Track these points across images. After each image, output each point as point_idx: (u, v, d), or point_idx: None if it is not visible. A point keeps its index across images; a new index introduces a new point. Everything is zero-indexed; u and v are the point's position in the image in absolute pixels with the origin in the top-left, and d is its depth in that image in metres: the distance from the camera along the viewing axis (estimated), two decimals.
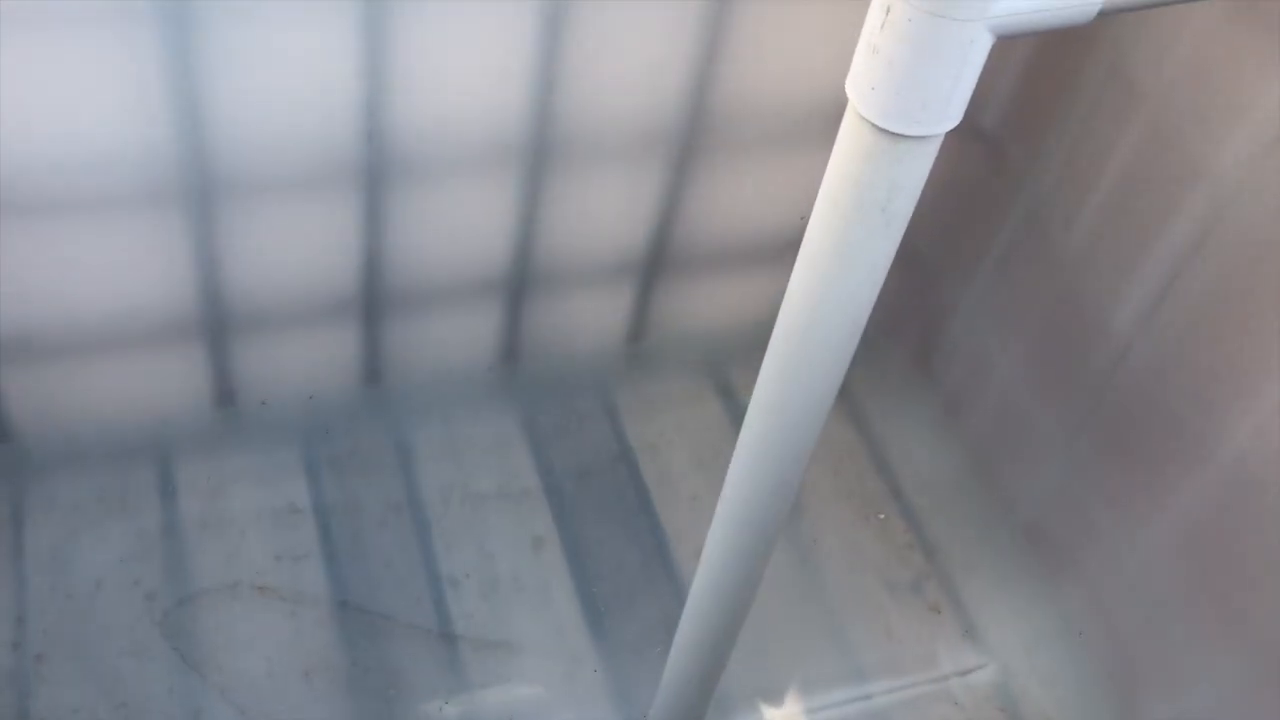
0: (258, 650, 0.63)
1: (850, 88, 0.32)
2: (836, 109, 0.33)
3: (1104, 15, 0.32)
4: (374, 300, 0.69)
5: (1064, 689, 0.67)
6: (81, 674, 0.61)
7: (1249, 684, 0.57)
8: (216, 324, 0.67)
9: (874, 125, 0.31)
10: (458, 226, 0.67)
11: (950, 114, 0.31)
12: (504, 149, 0.64)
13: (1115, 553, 0.65)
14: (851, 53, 0.32)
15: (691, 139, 0.67)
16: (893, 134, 0.31)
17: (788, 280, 0.37)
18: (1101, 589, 0.67)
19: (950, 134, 0.32)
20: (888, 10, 0.30)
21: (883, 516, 0.74)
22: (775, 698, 0.66)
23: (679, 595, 0.68)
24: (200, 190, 0.60)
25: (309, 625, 0.65)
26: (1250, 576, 0.57)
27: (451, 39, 0.58)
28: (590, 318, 0.76)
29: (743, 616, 0.50)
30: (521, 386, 0.76)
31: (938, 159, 0.33)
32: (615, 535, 0.71)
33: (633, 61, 0.62)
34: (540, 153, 0.65)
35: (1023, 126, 0.68)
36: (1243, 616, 0.57)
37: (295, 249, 0.65)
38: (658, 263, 0.74)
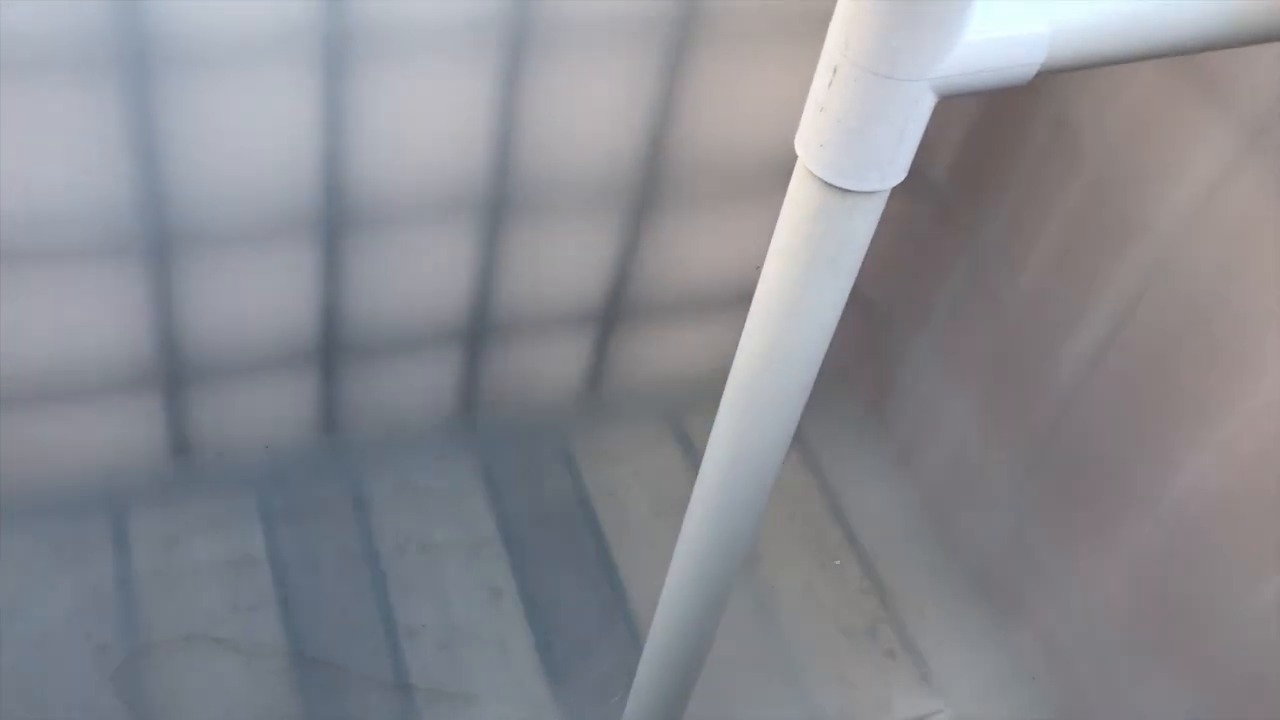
0: (212, 703, 0.63)
1: (799, 144, 0.33)
2: (789, 163, 0.34)
3: (1042, 74, 0.33)
4: (332, 350, 0.69)
5: None
6: None
7: (1198, 715, 0.58)
8: (173, 374, 0.67)
9: (822, 181, 0.32)
10: (416, 278, 0.68)
11: (896, 170, 0.32)
12: (462, 201, 0.64)
13: (1065, 596, 0.66)
14: (803, 108, 0.33)
15: (647, 192, 0.68)
16: (841, 189, 0.32)
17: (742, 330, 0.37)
18: (1052, 632, 0.68)
19: (898, 188, 0.33)
20: (834, 70, 0.31)
21: (838, 562, 0.75)
22: None
23: (637, 643, 0.68)
24: (158, 242, 0.60)
25: (264, 676, 0.64)
26: (1195, 617, 0.58)
27: (410, 93, 0.59)
28: (548, 367, 0.77)
29: (700, 663, 0.50)
30: (479, 435, 0.77)
31: (886, 212, 0.34)
32: (573, 584, 0.71)
33: (589, 115, 0.63)
34: (498, 205, 0.65)
35: (969, 180, 0.69)
36: (1188, 656, 0.58)
37: (253, 300, 0.65)
38: (615, 313, 0.75)
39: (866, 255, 0.35)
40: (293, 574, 0.68)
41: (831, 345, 0.38)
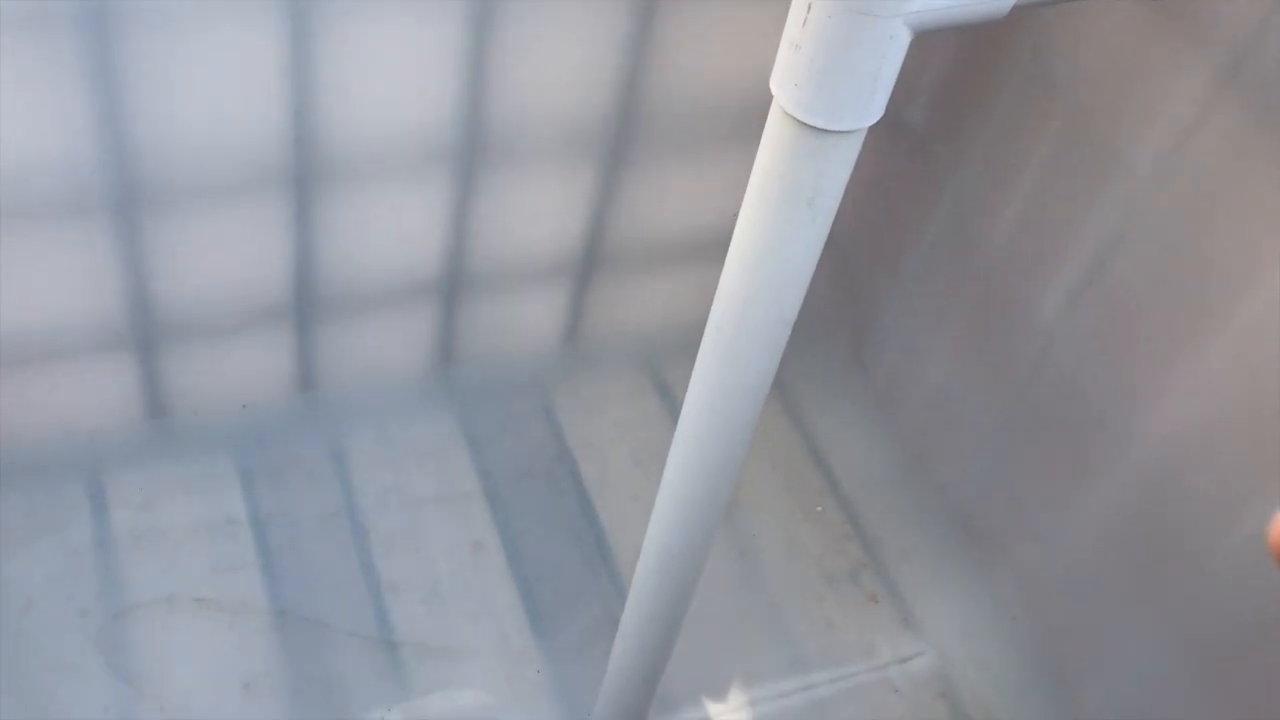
0: (196, 663, 0.63)
1: (774, 85, 0.32)
2: (764, 105, 0.33)
3: (1017, 10, 0.33)
4: (306, 307, 0.69)
5: (1000, 672, 0.68)
6: (16, 693, 0.60)
7: (1175, 661, 0.59)
8: (145, 335, 0.66)
9: (798, 121, 0.32)
10: (389, 230, 0.67)
11: (872, 109, 0.32)
12: (434, 151, 0.64)
13: (1044, 539, 0.67)
14: (777, 49, 0.32)
15: (622, 138, 0.67)
16: (817, 129, 0.32)
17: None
18: (1033, 574, 0.68)
19: (875, 129, 0.33)
20: (809, 8, 0.30)
21: (820, 509, 0.75)
22: (718, 692, 0.66)
23: (620, 594, 0.68)
24: (125, 199, 0.59)
25: (248, 636, 0.64)
26: (1172, 556, 0.58)
27: (379, 42, 0.58)
28: (525, 319, 0.76)
29: (683, 612, 0.50)
30: (458, 390, 0.76)
31: (863, 154, 0.33)
32: (555, 536, 0.71)
33: (562, 62, 0.62)
34: (471, 154, 0.65)
35: (946, 120, 0.69)
36: (1165, 594, 0.59)
37: (224, 256, 0.64)
38: (592, 262, 0.74)
39: (843, 199, 0.35)
40: (273, 533, 0.68)
41: (809, 291, 0.37)
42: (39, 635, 0.62)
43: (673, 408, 0.78)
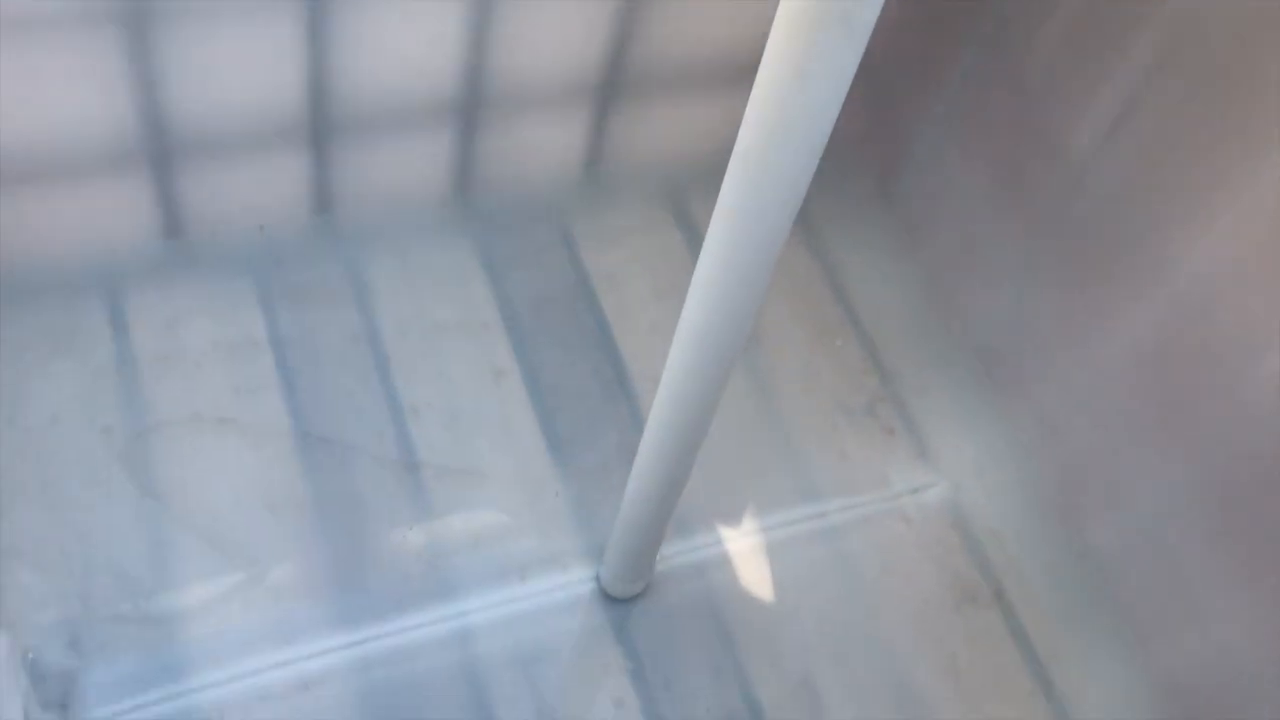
0: (220, 482, 0.64)
1: None
2: None
3: None
4: (322, 127, 0.67)
5: (1011, 504, 0.69)
6: (44, 507, 0.62)
7: (1190, 493, 0.60)
8: (160, 152, 0.65)
9: None
10: (406, 47, 0.65)
11: None
12: None
13: (1066, 374, 0.66)
14: None
15: None
16: None
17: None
18: (1051, 410, 0.68)
19: None
20: None
21: (839, 342, 0.75)
22: (732, 518, 0.67)
23: (638, 422, 0.69)
24: (136, 9, 0.57)
25: (271, 457, 0.65)
26: (1197, 397, 0.58)
27: None
28: (546, 145, 0.75)
29: (700, 442, 0.51)
30: (476, 216, 0.75)
31: None
32: (575, 365, 0.71)
33: None
34: None
35: None
36: (1183, 430, 0.59)
37: (238, 72, 0.62)
38: (615, 86, 0.72)
39: (878, 20, 0.33)
40: (294, 356, 0.68)
41: (837, 121, 0.36)
42: (65, 452, 0.63)
43: (694, 240, 0.77)
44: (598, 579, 0.64)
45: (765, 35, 0.34)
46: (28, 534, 0.61)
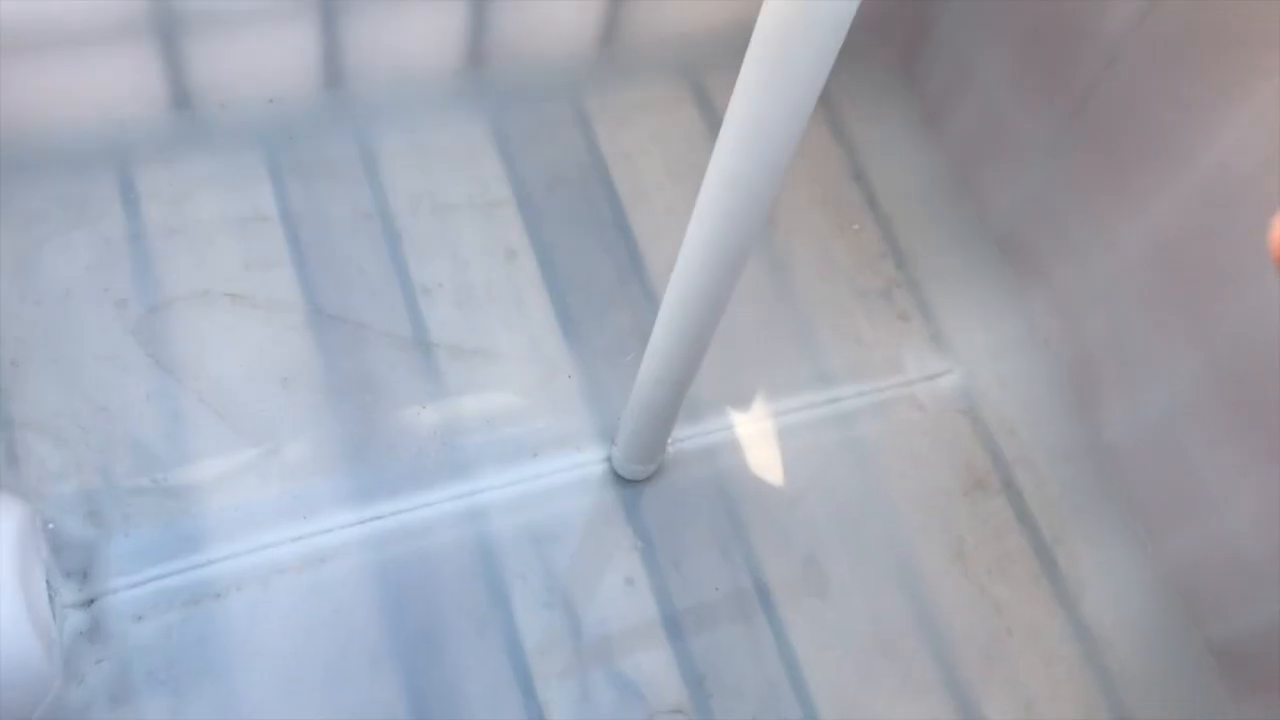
0: (233, 357, 0.64)
1: None
2: None
3: None
4: None
5: (1025, 392, 0.69)
6: (59, 379, 0.62)
7: (1202, 385, 0.59)
8: (170, 22, 0.63)
9: None
10: None
11: None
12: None
13: (1086, 262, 0.66)
14: None
15: None
16: None
17: None
18: (1069, 298, 0.68)
19: None
20: None
21: (857, 227, 0.74)
22: (744, 402, 0.68)
23: (651, 305, 0.69)
24: None
25: (283, 332, 0.65)
26: (1215, 287, 0.58)
27: None
28: (561, 18, 0.73)
29: (714, 325, 0.50)
30: (489, 92, 0.74)
31: None
32: (588, 245, 0.70)
33: None
34: None
35: None
36: (1200, 322, 0.59)
37: None
38: None
39: None
40: (305, 231, 0.68)
41: None
42: (79, 325, 0.63)
43: (711, 120, 0.75)
44: (609, 460, 0.64)
45: None
46: (45, 407, 0.61)
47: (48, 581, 0.56)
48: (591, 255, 0.70)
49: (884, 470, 0.67)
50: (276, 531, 0.60)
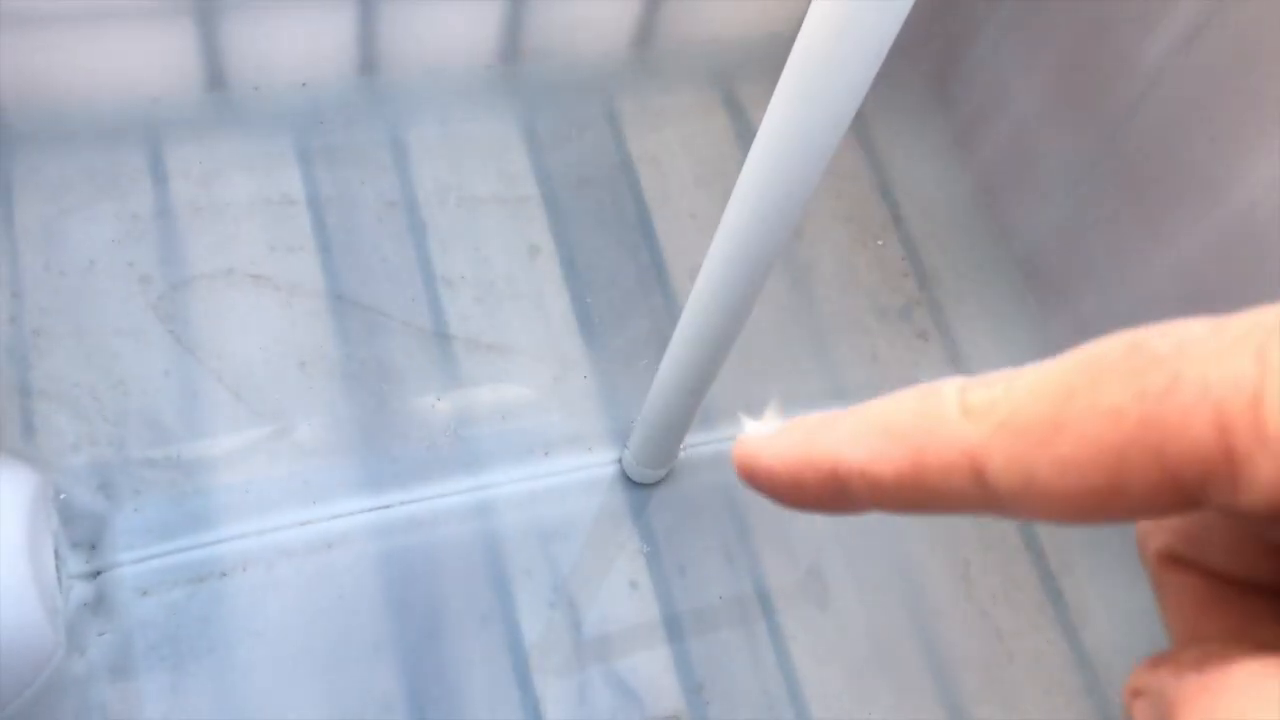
0: (253, 338, 0.64)
1: None
2: None
3: None
4: None
5: None
6: (79, 351, 0.62)
7: None
8: (206, 1, 0.64)
9: None
10: None
11: None
12: None
13: (1109, 292, 0.65)
14: None
15: None
16: None
17: None
18: (1091, 327, 0.67)
19: None
20: None
21: (881, 242, 0.74)
22: (758, 410, 0.67)
23: (671, 311, 0.69)
24: None
25: (304, 316, 0.65)
26: None
27: None
28: (596, 17, 0.73)
29: (735, 334, 0.50)
30: (521, 88, 0.74)
31: None
32: (611, 247, 0.70)
33: None
34: None
35: None
36: None
37: None
38: None
39: None
40: (331, 217, 0.68)
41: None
42: (101, 297, 0.64)
43: (741, 128, 0.75)
44: (620, 462, 0.64)
45: None
46: (62, 377, 0.61)
47: (55, 551, 0.56)
48: (614, 256, 0.70)
49: None
50: (285, 514, 0.60)
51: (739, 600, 0.62)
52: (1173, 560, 0.18)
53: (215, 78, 0.69)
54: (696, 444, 0.65)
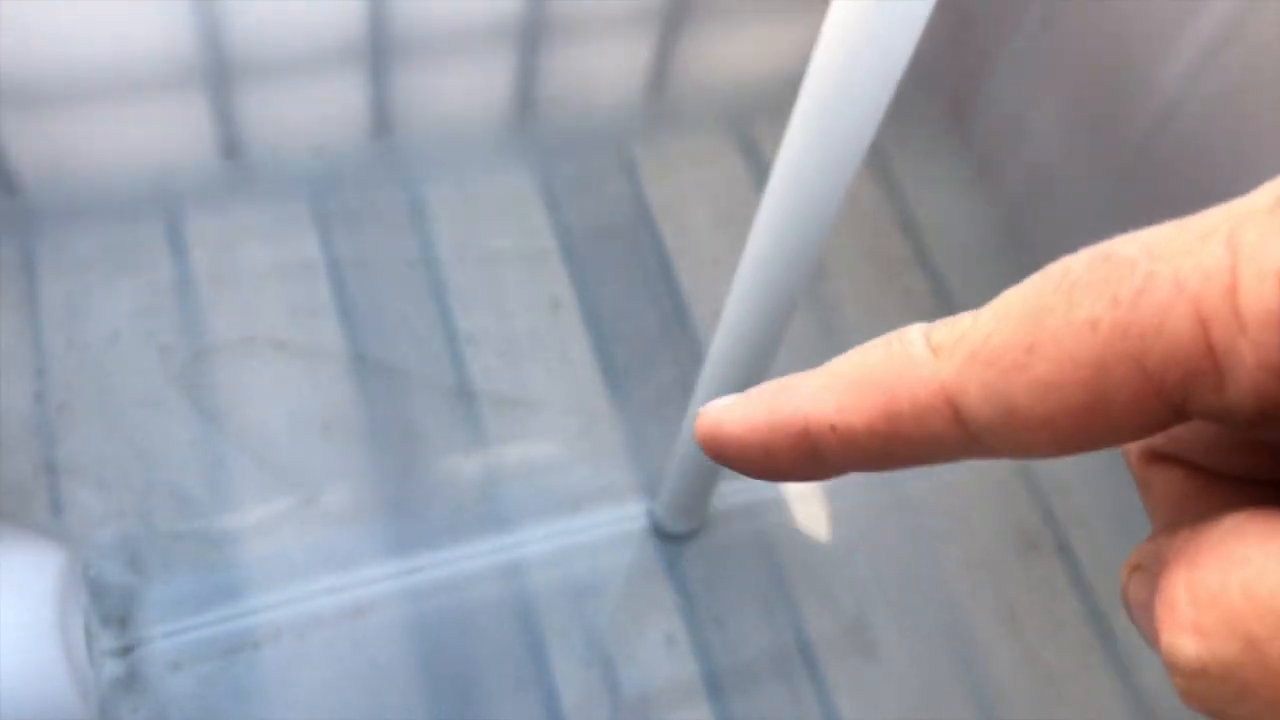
0: (276, 404, 0.64)
1: None
2: None
3: None
4: (381, 46, 0.66)
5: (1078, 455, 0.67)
6: (104, 425, 0.62)
7: None
8: (220, 72, 0.64)
9: None
10: None
11: None
12: None
13: None
14: None
15: None
16: None
17: (820, 29, 0.34)
18: None
19: None
20: None
21: (907, 281, 0.73)
22: None
23: (696, 357, 0.68)
24: None
25: (326, 380, 0.65)
26: None
27: None
28: (608, 68, 0.73)
29: (761, 378, 0.49)
30: (536, 142, 0.74)
31: None
32: (633, 297, 0.70)
33: None
34: None
35: None
36: None
37: None
38: (680, 9, 0.70)
39: None
40: (351, 280, 0.68)
41: (915, 48, 0.34)
42: (124, 370, 0.64)
43: (758, 170, 0.75)
44: (651, 514, 0.63)
45: None
46: (88, 452, 0.61)
47: (86, 628, 0.56)
48: (636, 306, 0.69)
49: (933, 530, 0.65)
50: (315, 582, 0.60)
51: (780, 652, 0.61)
52: (1155, 456, 0.18)
53: (230, 146, 0.69)
54: (729, 494, 0.64)
